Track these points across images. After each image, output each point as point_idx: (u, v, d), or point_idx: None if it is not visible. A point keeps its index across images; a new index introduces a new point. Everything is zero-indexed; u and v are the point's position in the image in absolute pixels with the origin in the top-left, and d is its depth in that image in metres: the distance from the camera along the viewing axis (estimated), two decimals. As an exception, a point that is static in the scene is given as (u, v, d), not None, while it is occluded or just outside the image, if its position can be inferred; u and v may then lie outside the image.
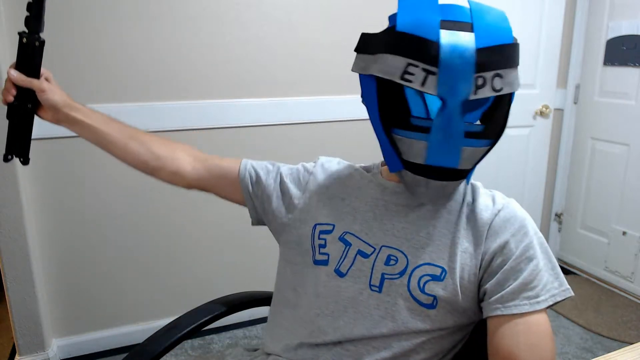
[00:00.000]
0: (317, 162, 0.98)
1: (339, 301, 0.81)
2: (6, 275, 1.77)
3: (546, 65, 2.62)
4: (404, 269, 0.78)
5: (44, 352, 1.87)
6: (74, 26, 1.76)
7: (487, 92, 0.68)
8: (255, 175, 0.96)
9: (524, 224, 0.77)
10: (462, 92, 0.67)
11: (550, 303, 0.72)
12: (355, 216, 0.85)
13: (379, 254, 0.81)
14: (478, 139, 0.71)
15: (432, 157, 0.71)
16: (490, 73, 0.67)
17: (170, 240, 2.06)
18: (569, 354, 2.05)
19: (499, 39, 0.68)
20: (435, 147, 0.70)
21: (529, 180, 2.77)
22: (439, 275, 0.76)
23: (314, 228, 0.87)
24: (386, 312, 0.78)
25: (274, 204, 0.94)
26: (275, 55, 2.06)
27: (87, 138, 0.96)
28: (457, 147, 0.70)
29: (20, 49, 0.93)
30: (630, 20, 2.40)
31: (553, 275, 0.74)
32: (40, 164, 1.81)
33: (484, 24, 0.68)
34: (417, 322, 0.77)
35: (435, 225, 0.80)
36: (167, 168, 0.96)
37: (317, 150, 2.21)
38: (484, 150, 0.73)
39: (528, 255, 0.74)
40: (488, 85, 0.67)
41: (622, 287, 2.55)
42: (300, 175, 0.95)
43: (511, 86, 0.69)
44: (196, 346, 2.08)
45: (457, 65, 0.66)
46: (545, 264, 0.75)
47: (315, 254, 0.86)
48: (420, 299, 0.77)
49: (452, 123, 0.69)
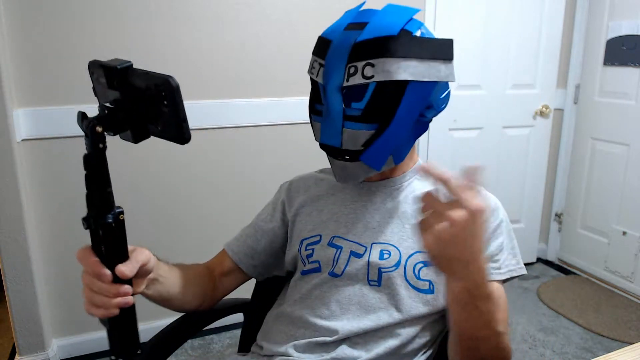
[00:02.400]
0: (280, 189, 1.03)
1: (340, 300, 0.84)
2: (6, 275, 1.77)
3: (546, 65, 2.62)
4: (398, 260, 0.83)
5: (44, 352, 1.87)
6: (73, 26, 1.76)
7: (358, 80, 0.76)
8: (246, 249, 0.99)
9: (497, 207, 0.86)
10: (335, 79, 0.78)
11: (507, 276, 0.84)
12: (338, 220, 0.90)
13: (371, 252, 0.85)
14: (357, 122, 0.79)
15: (322, 136, 0.83)
16: (362, 62, 0.75)
17: (170, 240, 2.06)
18: (569, 354, 2.05)
19: (378, 33, 0.75)
20: (323, 128, 0.82)
21: (529, 180, 2.77)
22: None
23: (300, 244, 0.92)
24: (390, 303, 0.82)
25: (279, 254, 1.00)
26: (275, 55, 2.06)
27: (149, 296, 0.82)
28: (337, 128, 0.79)
29: (108, 232, 0.64)
30: (630, 20, 2.40)
31: (512, 254, 0.86)
32: (40, 164, 1.81)
33: (374, 22, 0.77)
34: (419, 308, 0.82)
35: (415, 216, 0.85)
36: (210, 303, 0.99)
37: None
38: (367, 133, 0.78)
39: (496, 234, 0.84)
40: (359, 73, 0.76)
41: (622, 287, 2.55)
42: (275, 211, 0.99)
43: (387, 74, 0.74)
44: (196, 346, 2.08)
45: (335, 57, 0.78)
46: (507, 243, 0.85)
47: (305, 265, 0.90)
48: (418, 286, 0.83)
49: (330, 107, 0.79)
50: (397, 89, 0.76)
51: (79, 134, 2.08)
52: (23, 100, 1.75)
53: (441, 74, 0.78)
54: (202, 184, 2.04)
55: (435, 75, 0.77)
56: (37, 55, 1.74)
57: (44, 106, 1.78)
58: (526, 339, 2.15)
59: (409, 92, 0.76)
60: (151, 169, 1.96)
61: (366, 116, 0.78)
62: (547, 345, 2.11)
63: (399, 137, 0.79)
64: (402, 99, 0.76)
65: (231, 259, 0.99)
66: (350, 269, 0.85)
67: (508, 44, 2.51)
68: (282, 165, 2.16)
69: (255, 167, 2.13)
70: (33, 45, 1.73)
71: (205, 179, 2.05)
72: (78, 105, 1.81)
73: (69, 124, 1.81)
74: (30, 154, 1.79)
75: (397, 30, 0.75)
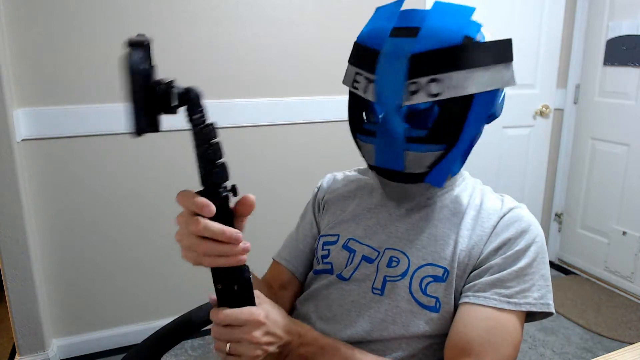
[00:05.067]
0: (318, 185, 1.00)
1: (343, 304, 0.81)
2: (6, 275, 1.77)
3: (546, 65, 2.62)
4: (406, 270, 0.77)
5: (44, 352, 1.87)
6: (73, 26, 1.76)
7: (422, 98, 0.68)
8: (298, 254, 0.95)
9: (529, 229, 0.75)
10: (393, 98, 0.69)
11: (523, 309, 0.70)
12: (358, 222, 0.86)
13: (382, 256, 0.81)
14: (422, 143, 0.71)
15: (378, 159, 0.75)
16: (425, 79, 0.67)
17: (171, 240, 2.05)
18: (569, 354, 2.05)
19: (438, 43, 0.66)
20: (380, 151, 0.74)
21: (529, 180, 2.77)
22: (441, 276, 0.75)
23: (318, 240, 0.89)
24: (387, 315, 0.77)
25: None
26: (274, 55, 2.06)
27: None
28: (398, 151, 0.71)
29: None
30: (630, 20, 2.40)
31: (537, 287, 0.72)
32: (40, 164, 1.81)
33: (429, 27, 0.67)
34: (419, 325, 0.75)
35: (437, 226, 0.80)
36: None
37: (317, 150, 2.21)
38: (433, 155, 0.71)
39: (518, 257, 0.73)
40: (423, 91, 0.67)
41: (622, 287, 2.55)
42: (314, 211, 0.97)
43: (455, 90, 0.67)
44: (196, 346, 2.08)
45: (389, 72, 0.68)
46: (534, 272, 0.73)
47: (318, 264, 0.88)
48: (422, 301, 0.75)
49: (390, 128, 0.70)
50: (464, 103, 0.69)
51: (79, 134, 2.09)
52: (23, 100, 1.75)
53: (505, 79, 0.71)
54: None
55: (500, 81, 0.70)
56: (37, 55, 1.74)
57: (44, 106, 1.78)
58: (526, 339, 2.15)
59: (475, 105, 0.69)
60: (151, 169, 1.96)
61: (432, 137, 0.71)
62: (547, 345, 2.11)
63: (463, 151, 0.73)
64: (469, 114, 0.69)
65: (286, 268, 0.94)
66: (359, 274, 0.81)
67: (508, 44, 2.51)
68: (282, 166, 2.16)
69: (255, 167, 2.13)
70: (33, 45, 1.73)
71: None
72: (78, 105, 1.81)
73: (69, 124, 1.81)
74: (30, 154, 1.79)
75: (459, 38, 0.66)
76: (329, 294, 0.84)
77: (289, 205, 2.12)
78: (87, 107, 1.83)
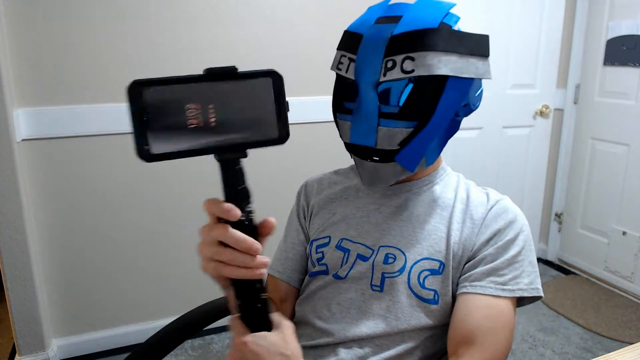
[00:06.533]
0: (298, 194, 1.00)
1: (342, 303, 0.82)
2: (6, 275, 1.77)
3: (546, 65, 2.62)
4: (403, 265, 0.79)
5: (44, 352, 1.87)
6: (73, 26, 1.76)
7: (397, 74, 0.71)
8: (289, 263, 0.95)
9: (515, 219, 0.79)
10: (370, 74, 0.73)
11: (516, 295, 0.75)
12: (348, 223, 0.87)
13: (377, 254, 0.82)
14: (394, 119, 0.74)
15: (353, 136, 0.77)
16: (401, 56, 0.71)
17: (171, 240, 2.06)
18: (569, 354, 2.05)
19: (416, 25, 0.71)
20: (355, 127, 0.77)
21: (529, 180, 2.77)
22: (437, 269, 0.78)
23: (310, 245, 0.91)
24: (389, 310, 0.79)
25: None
26: (274, 55, 2.06)
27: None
28: (372, 126, 0.74)
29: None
30: (630, 20, 2.40)
31: (527, 273, 0.77)
32: (40, 164, 1.81)
33: (410, 15, 0.73)
34: (420, 318, 0.78)
35: (428, 221, 0.82)
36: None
37: (317, 150, 2.21)
38: (405, 131, 0.74)
39: (508, 247, 0.77)
40: (398, 67, 0.71)
41: (622, 287, 2.55)
42: (299, 218, 0.97)
43: (428, 69, 0.70)
44: (196, 346, 2.08)
45: (369, 51, 0.73)
46: (524, 259, 0.77)
47: (314, 267, 0.89)
48: (422, 295, 0.78)
49: (365, 104, 0.74)
50: (437, 84, 0.72)
51: (79, 134, 2.09)
52: (23, 100, 1.75)
53: (479, 71, 0.74)
54: (203, 184, 2.04)
55: (474, 71, 0.74)
56: (37, 55, 1.74)
57: (44, 106, 1.78)
58: (526, 339, 2.15)
59: (448, 89, 0.72)
60: (152, 169, 1.96)
61: (404, 113, 0.74)
62: (547, 345, 2.11)
63: (435, 136, 0.75)
64: (442, 96, 0.72)
65: (281, 280, 0.94)
66: (355, 272, 0.82)
67: (508, 44, 2.51)
68: (282, 166, 2.16)
69: (255, 167, 2.13)
70: (33, 45, 1.73)
71: (207, 179, 2.05)
72: (78, 105, 1.81)
73: (69, 124, 1.81)
74: (30, 154, 1.79)
75: (437, 22, 0.71)
76: (327, 294, 0.85)
77: (289, 205, 2.11)
78: (87, 107, 1.83)
